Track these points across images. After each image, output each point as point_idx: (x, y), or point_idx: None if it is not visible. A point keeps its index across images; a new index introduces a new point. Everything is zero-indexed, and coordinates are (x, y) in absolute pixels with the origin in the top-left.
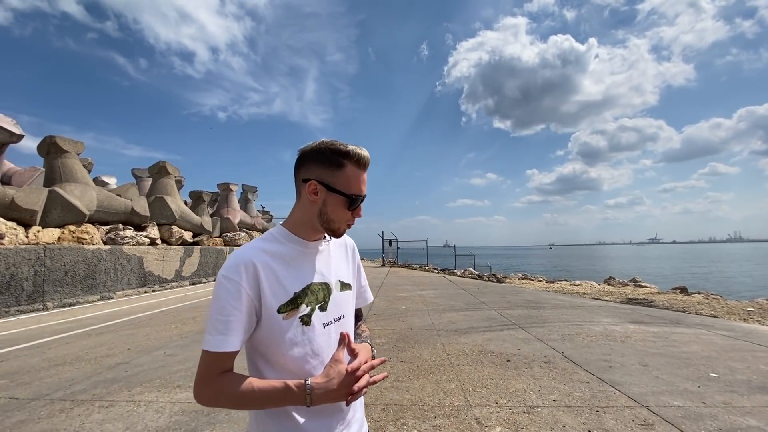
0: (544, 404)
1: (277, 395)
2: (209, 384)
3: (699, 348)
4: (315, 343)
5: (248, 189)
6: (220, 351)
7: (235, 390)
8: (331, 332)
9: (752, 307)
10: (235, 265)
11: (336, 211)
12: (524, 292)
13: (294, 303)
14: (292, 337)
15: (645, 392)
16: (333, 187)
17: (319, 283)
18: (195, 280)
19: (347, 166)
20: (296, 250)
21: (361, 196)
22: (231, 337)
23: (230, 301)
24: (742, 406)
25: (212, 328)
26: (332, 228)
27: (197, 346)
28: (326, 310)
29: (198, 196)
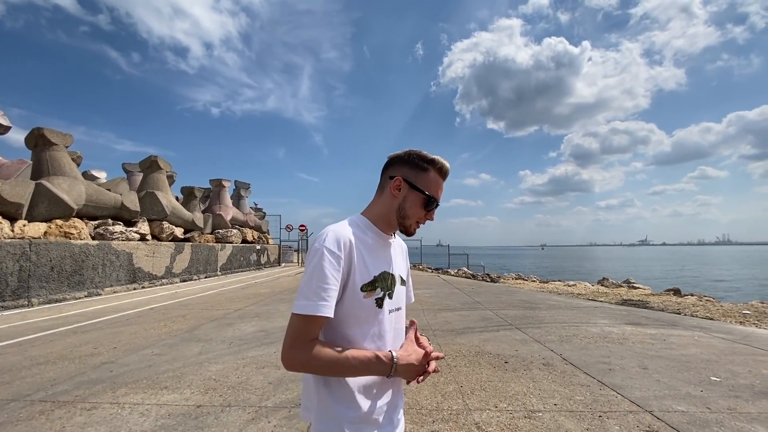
0: (546, 408)
1: (368, 363)
2: (303, 347)
3: (698, 351)
4: (383, 325)
5: (241, 185)
6: (318, 315)
7: (330, 355)
8: (393, 319)
9: (748, 310)
10: (336, 239)
11: (413, 208)
12: (519, 292)
13: (373, 285)
14: (367, 315)
15: (647, 396)
16: (415, 185)
17: (389, 272)
18: (186, 277)
19: (431, 171)
20: (375, 240)
21: (437, 200)
22: (329, 303)
23: (332, 272)
24: (748, 412)
25: (312, 293)
26: (406, 224)
27: (186, 346)
28: (392, 298)
29: (190, 191)
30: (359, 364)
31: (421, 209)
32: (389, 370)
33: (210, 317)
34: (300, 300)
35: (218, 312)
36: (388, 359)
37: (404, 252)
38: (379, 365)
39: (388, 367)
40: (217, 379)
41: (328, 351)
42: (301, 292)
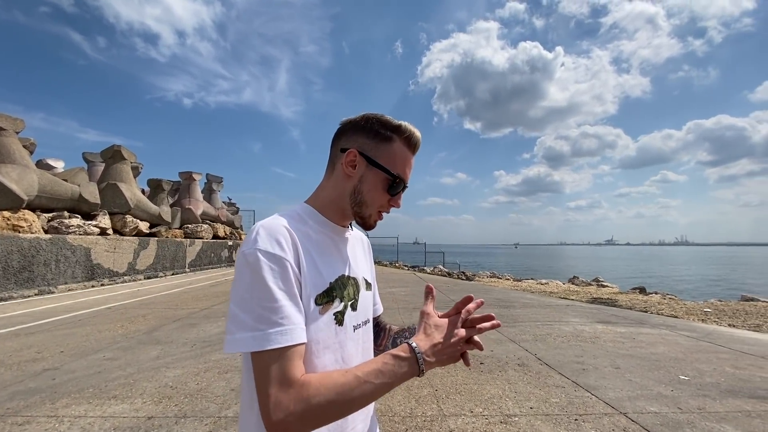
0: (522, 412)
1: (390, 373)
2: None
3: (666, 349)
4: (346, 348)
5: (213, 179)
6: (285, 346)
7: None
8: (359, 338)
9: (708, 308)
10: (271, 235)
11: (373, 191)
12: (494, 291)
13: (330, 295)
14: (325, 338)
15: (621, 397)
16: (376, 160)
17: (350, 276)
18: (151, 273)
19: (395, 141)
20: (325, 234)
21: (404, 181)
22: (292, 326)
23: (278, 283)
24: (717, 412)
25: (258, 320)
26: (362, 213)
27: (143, 349)
28: (356, 310)
29: (157, 184)
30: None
31: (383, 193)
32: (417, 367)
33: (173, 317)
34: (238, 333)
35: (183, 311)
36: (408, 353)
37: (366, 247)
38: (402, 366)
39: (413, 364)
40: (174, 387)
41: (328, 383)
42: (235, 320)
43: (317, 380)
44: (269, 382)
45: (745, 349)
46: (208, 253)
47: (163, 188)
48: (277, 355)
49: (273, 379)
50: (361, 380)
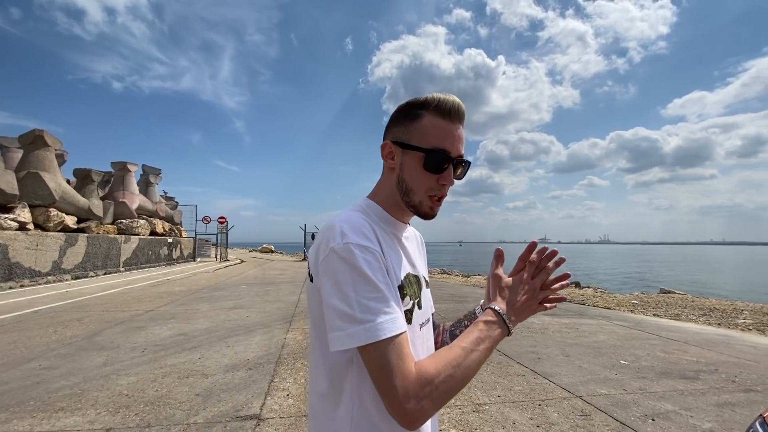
0: (491, 401)
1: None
2: (419, 384)
3: (605, 338)
4: (415, 346)
5: (150, 171)
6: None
7: (450, 364)
8: (424, 336)
9: (635, 300)
10: (359, 229)
11: (414, 176)
12: (446, 286)
13: (402, 292)
14: None
15: (575, 382)
16: (407, 143)
17: (413, 274)
18: (79, 273)
19: (425, 116)
20: (391, 232)
21: (445, 151)
22: (399, 314)
23: (375, 274)
24: (656, 392)
25: (366, 311)
26: (412, 202)
27: (86, 355)
28: (422, 308)
29: (85, 174)
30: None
31: (424, 173)
32: (506, 326)
33: (114, 320)
34: (351, 327)
35: (124, 314)
36: (494, 316)
37: (421, 245)
38: (494, 329)
39: (502, 325)
40: (131, 395)
41: (441, 362)
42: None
43: (432, 362)
44: (391, 372)
45: (670, 335)
46: (146, 251)
47: (93, 179)
48: (392, 344)
49: (394, 369)
50: (468, 350)
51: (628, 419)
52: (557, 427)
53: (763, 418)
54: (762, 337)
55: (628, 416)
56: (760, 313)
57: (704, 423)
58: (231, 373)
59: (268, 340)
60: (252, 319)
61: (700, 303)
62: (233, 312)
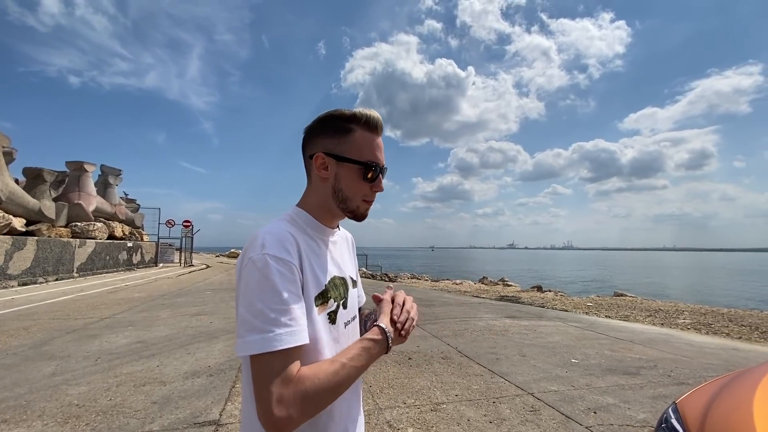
0: (448, 400)
1: (367, 354)
2: (290, 395)
3: (560, 338)
4: (340, 344)
5: (109, 171)
6: (292, 347)
7: (326, 377)
8: (350, 333)
9: (590, 303)
10: (280, 241)
11: (351, 185)
12: (415, 291)
13: (325, 296)
14: (322, 336)
15: (528, 380)
16: (343, 155)
17: (339, 276)
18: (27, 279)
19: (356, 130)
20: (319, 238)
21: (379, 164)
22: (298, 326)
23: (287, 286)
24: (600, 387)
25: (266, 322)
26: (350, 207)
27: (33, 365)
28: (347, 308)
29: (37, 174)
30: (359, 361)
31: (361, 183)
32: (387, 344)
33: (65, 328)
34: (249, 335)
35: (77, 322)
36: (379, 335)
37: (351, 246)
38: (376, 347)
39: (384, 343)
40: (81, 405)
41: (320, 374)
42: (246, 323)
43: (311, 372)
44: (271, 380)
45: (618, 335)
46: (103, 256)
47: (45, 179)
48: (283, 355)
49: (276, 378)
50: (346, 365)
51: (572, 413)
52: (508, 422)
53: (675, 404)
54: (698, 336)
55: (573, 410)
56: (698, 314)
57: (639, 414)
58: (191, 380)
59: (231, 346)
60: (215, 325)
61: (648, 305)
62: (196, 318)
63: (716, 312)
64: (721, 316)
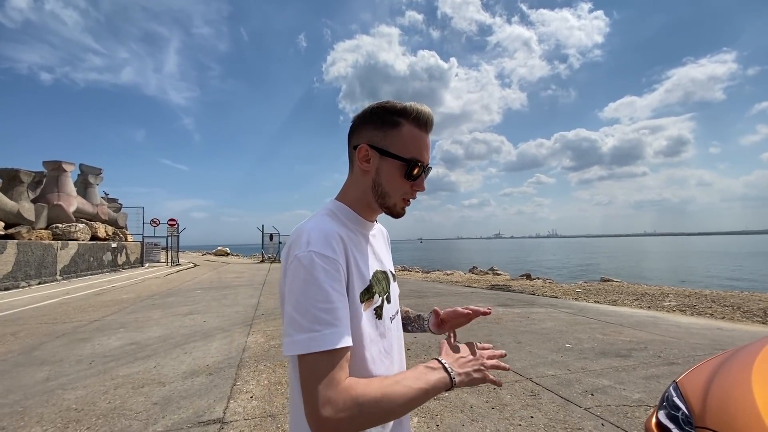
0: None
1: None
2: (340, 399)
3: (553, 324)
4: (386, 339)
5: (89, 171)
6: (340, 347)
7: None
8: (395, 328)
9: (579, 289)
10: (325, 238)
11: (391, 182)
12: (407, 283)
13: (370, 292)
14: (370, 332)
15: (525, 366)
16: (387, 150)
17: (381, 271)
18: (9, 284)
19: (404, 125)
20: (359, 231)
21: (422, 163)
22: (343, 328)
23: (332, 285)
24: (595, 370)
25: (313, 321)
26: (387, 204)
27: (25, 371)
28: (390, 302)
29: (13, 175)
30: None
31: (402, 181)
32: (449, 377)
33: (54, 333)
34: (296, 335)
35: (66, 326)
36: (437, 366)
37: (387, 240)
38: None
39: (444, 372)
40: (80, 409)
41: (374, 387)
42: (293, 323)
43: (363, 382)
44: (319, 380)
45: (608, 319)
46: (86, 257)
47: (22, 180)
48: (331, 355)
49: (323, 378)
50: (402, 385)
51: (571, 396)
52: (510, 407)
53: (676, 383)
54: (684, 317)
55: (571, 393)
56: (682, 296)
57: (634, 394)
58: (190, 380)
59: (228, 344)
60: (210, 324)
61: (634, 289)
62: (189, 318)
63: (699, 294)
64: (704, 297)
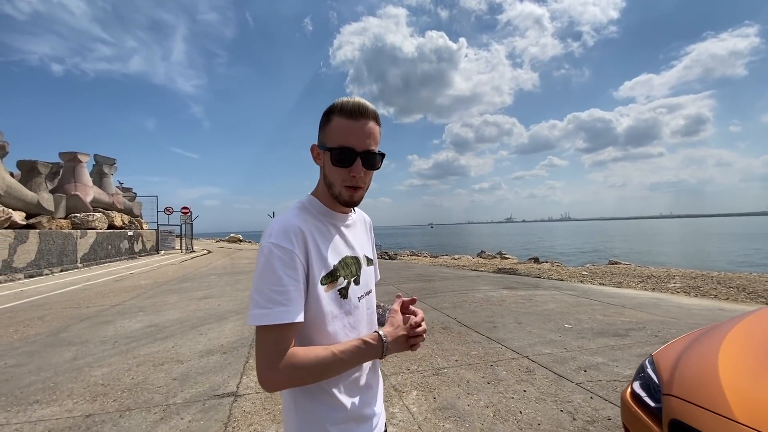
0: (449, 365)
1: (357, 352)
2: (279, 363)
3: (555, 306)
4: (352, 315)
5: (103, 161)
6: (284, 323)
7: (315, 357)
8: (364, 306)
9: (585, 271)
10: (284, 231)
11: (330, 171)
12: (415, 267)
13: (333, 275)
14: (332, 310)
15: (523, 345)
16: (323, 144)
17: (351, 256)
18: (33, 271)
19: (333, 119)
20: (328, 222)
21: (347, 147)
22: (293, 307)
23: (286, 271)
24: (591, 348)
25: (267, 300)
26: (333, 193)
27: (54, 351)
28: (359, 284)
29: (31, 167)
30: (348, 356)
31: (335, 168)
32: (381, 351)
33: (79, 316)
34: (253, 309)
35: (89, 310)
36: (376, 340)
37: (368, 226)
38: (369, 349)
39: (379, 349)
40: (106, 384)
41: (309, 355)
42: (252, 300)
43: (303, 350)
44: (267, 347)
45: (611, 301)
46: (105, 245)
47: (40, 172)
48: (278, 329)
49: (271, 347)
50: (337, 357)
51: (564, 372)
52: (504, 382)
53: (652, 356)
54: (687, 298)
55: (565, 370)
56: (688, 278)
57: (626, 370)
58: (206, 358)
59: (241, 326)
60: (224, 307)
61: (641, 271)
62: (204, 302)
63: (706, 275)
64: (711, 279)
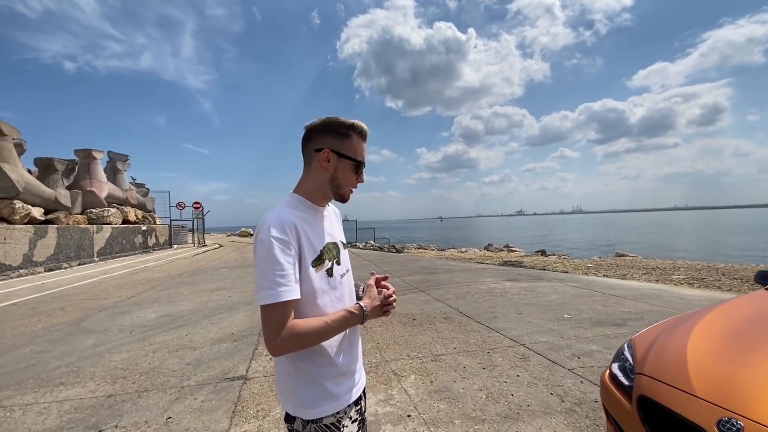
0: (447, 352)
1: (344, 320)
2: (284, 333)
3: (556, 297)
4: (337, 290)
5: (116, 157)
6: (287, 300)
7: (311, 326)
8: (346, 282)
9: (591, 264)
10: (281, 225)
11: (345, 176)
12: (421, 260)
13: (320, 259)
14: (321, 287)
15: (521, 334)
16: (343, 153)
17: (332, 242)
18: (53, 265)
19: (353, 136)
20: (313, 215)
21: (364, 163)
22: (293, 286)
23: (285, 258)
24: (587, 337)
25: (270, 282)
26: (341, 192)
27: (76, 339)
28: (340, 264)
29: (48, 164)
30: (338, 324)
31: (352, 175)
32: (362, 318)
33: (98, 307)
34: (261, 291)
35: (107, 301)
36: (358, 310)
37: (338, 217)
38: (353, 318)
39: (360, 317)
40: (126, 368)
41: (307, 324)
42: (259, 284)
43: (302, 322)
44: (273, 321)
45: (613, 292)
46: (120, 240)
47: (56, 168)
48: (282, 306)
49: (276, 320)
50: (329, 325)
51: (558, 359)
52: (499, 368)
53: (631, 340)
54: (690, 290)
55: (560, 357)
56: (693, 270)
57: None
58: (218, 345)
59: (251, 315)
60: (235, 298)
61: (646, 263)
62: (216, 293)
63: (711, 267)
64: (716, 270)
